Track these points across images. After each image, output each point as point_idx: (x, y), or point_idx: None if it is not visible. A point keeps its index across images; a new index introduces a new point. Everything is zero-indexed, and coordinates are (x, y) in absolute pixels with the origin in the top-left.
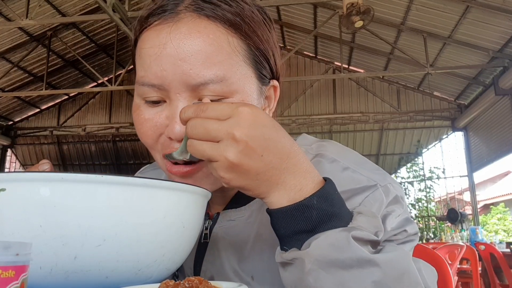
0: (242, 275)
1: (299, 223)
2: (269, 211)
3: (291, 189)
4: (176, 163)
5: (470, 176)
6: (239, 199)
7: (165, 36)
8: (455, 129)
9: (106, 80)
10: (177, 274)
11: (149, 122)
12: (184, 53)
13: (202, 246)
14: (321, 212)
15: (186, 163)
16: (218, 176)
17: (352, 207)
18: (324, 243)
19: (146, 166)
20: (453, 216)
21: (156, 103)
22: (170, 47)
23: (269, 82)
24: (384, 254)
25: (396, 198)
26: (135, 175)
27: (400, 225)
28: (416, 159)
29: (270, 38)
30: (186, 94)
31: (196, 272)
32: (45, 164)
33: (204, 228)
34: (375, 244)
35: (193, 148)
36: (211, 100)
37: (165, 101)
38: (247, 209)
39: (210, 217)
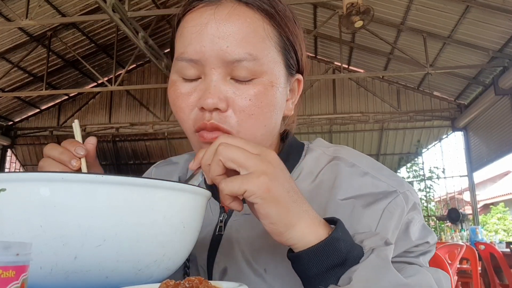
0: (255, 267)
1: (332, 258)
2: (298, 254)
3: (313, 220)
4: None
5: (470, 176)
6: None
7: (207, 17)
8: (455, 129)
9: (106, 80)
10: (189, 265)
11: (184, 96)
12: (223, 32)
13: (216, 238)
14: (346, 243)
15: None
16: (250, 203)
17: (375, 213)
18: (365, 274)
19: (160, 162)
20: (455, 216)
21: (191, 80)
22: (211, 26)
23: (295, 73)
24: (414, 277)
25: (415, 205)
26: (150, 170)
27: (423, 235)
28: (416, 159)
29: (299, 34)
30: (220, 70)
31: (210, 263)
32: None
33: (219, 221)
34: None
35: (227, 185)
36: (243, 80)
37: (200, 78)
38: None
39: (225, 210)
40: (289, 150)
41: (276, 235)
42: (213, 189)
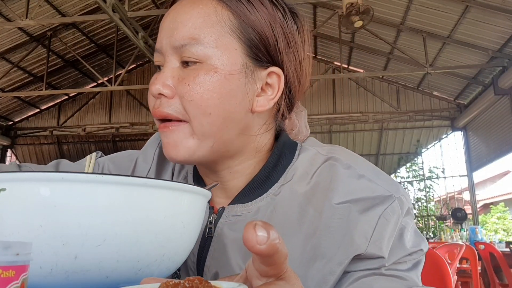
0: None
1: None
2: None
3: None
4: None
5: (469, 175)
6: (246, 195)
7: (170, 10)
8: (454, 128)
9: (106, 80)
10: (179, 273)
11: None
12: (176, 21)
13: (205, 240)
14: None
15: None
16: None
17: (372, 219)
18: None
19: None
20: (460, 216)
21: (160, 67)
22: (168, 17)
23: (266, 65)
24: None
25: (408, 210)
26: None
27: (416, 243)
28: (416, 159)
29: (278, 28)
30: (173, 57)
31: (200, 267)
32: None
33: (208, 222)
34: None
35: None
36: (188, 65)
37: None
38: (254, 205)
39: (215, 211)
40: (282, 149)
41: None
42: (202, 186)
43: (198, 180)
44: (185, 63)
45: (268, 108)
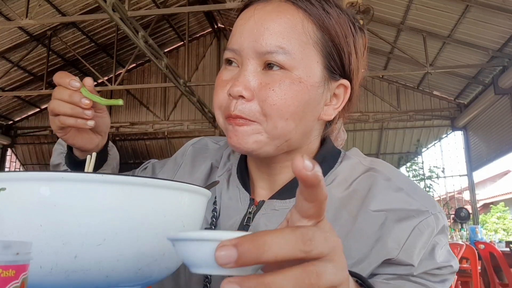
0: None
1: None
2: None
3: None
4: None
5: (469, 175)
6: (286, 191)
7: (252, 12)
8: (454, 128)
9: (106, 80)
10: (210, 280)
11: (223, 82)
12: (262, 26)
13: (243, 228)
14: None
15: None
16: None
17: (406, 229)
18: None
19: (196, 141)
20: (464, 215)
21: (231, 65)
22: (252, 20)
23: (338, 78)
24: None
25: (443, 228)
26: (187, 147)
27: (447, 259)
28: (416, 159)
29: (351, 42)
30: (254, 61)
31: None
32: None
33: (248, 212)
34: None
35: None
36: (272, 72)
37: (239, 67)
38: (292, 202)
39: (255, 203)
40: (325, 154)
41: None
42: (244, 178)
43: (242, 172)
44: (268, 69)
45: (332, 117)
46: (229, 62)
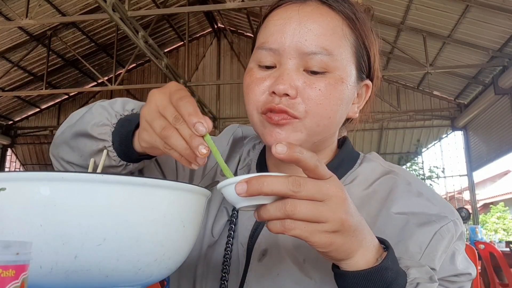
0: (295, 255)
1: (377, 285)
2: (344, 273)
3: (368, 248)
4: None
5: (469, 175)
6: None
7: (292, 12)
8: (454, 128)
9: (106, 80)
10: (227, 284)
11: (259, 80)
12: (304, 27)
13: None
14: (393, 272)
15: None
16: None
17: (428, 233)
18: None
19: (238, 128)
20: (464, 215)
21: (267, 68)
22: (294, 20)
23: (365, 78)
24: None
25: (461, 235)
26: (233, 128)
27: (466, 266)
28: (416, 159)
29: (373, 43)
30: (295, 61)
31: (251, 242)
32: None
33: None
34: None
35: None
36: (315, 72)
37: (274, 67)
38: None
39: None
40: (344, 155)
41: (330, 260)
42: (263, 169)
43: (262, 168)
44: (312, 70)
45: (357, 115)
46: (261, 60)
